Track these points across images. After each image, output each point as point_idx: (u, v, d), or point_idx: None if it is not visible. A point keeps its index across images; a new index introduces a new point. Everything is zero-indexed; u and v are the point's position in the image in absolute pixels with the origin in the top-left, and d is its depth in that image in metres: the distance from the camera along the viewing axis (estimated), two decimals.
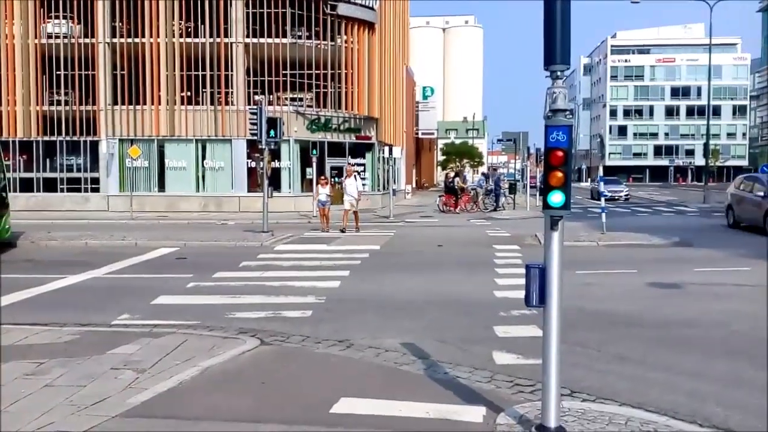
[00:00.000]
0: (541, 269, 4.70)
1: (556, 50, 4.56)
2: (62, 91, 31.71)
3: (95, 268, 13.29)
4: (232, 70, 31.18)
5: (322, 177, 22.24)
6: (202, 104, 31.80)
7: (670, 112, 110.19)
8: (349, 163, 28.72)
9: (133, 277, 12.69)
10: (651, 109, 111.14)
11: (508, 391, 5.89)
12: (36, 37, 31.35)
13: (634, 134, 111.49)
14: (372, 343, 7.57)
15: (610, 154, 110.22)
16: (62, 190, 31.94)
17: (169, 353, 6.95)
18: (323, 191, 20.68)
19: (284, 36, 31.26)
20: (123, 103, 31.47)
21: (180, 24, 31.67)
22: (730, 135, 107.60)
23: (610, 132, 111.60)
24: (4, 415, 5.22)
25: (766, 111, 62.63)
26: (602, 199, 20.95)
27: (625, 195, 42.89)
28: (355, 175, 21.34)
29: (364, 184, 33.91)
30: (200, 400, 5.67)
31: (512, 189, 35.69)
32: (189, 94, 31.83)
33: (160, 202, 30.91)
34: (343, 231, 20.25)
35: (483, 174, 50.45)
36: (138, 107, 31.40)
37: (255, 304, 9.78)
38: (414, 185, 54.73)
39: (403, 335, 7.92)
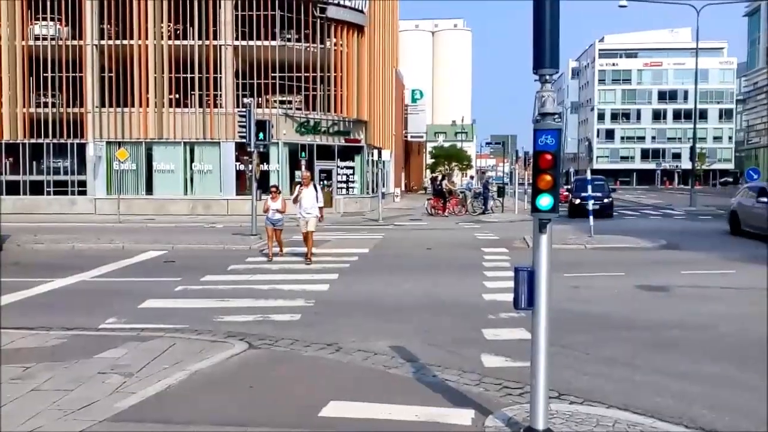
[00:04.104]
0: (529, 272, 4.71)
1: (545, 54, 4.58)
2: (49, 93, 31.54)
3: (82, 272, 13.20)
4: (220, 73, 31.12)
5: (273, 187, 16.45)
6: (191, 107, 31.73)
7: (657, 115, 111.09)
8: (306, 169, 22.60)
9: (121, 281, 12.61)
10: (638, 112, 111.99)
11: (496, 393, 5.91)
12: (23, 39, 31.15)
13: (622, 138, 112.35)
14: (361, 346, 7.57)
15: (597, 157, 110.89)
16: (49, 193, 31.75)
17: (156, 357, 6.91)
18: (274, 206, 15.21)
19: (273, 39, 31.24)
20: (111, 106, 31.33)
21: (168, 26, 31.57)
22: (717, 138, 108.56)
23: (598, 135, 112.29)
24: None
25: (753, 115, 63.20)
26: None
27: None
28: (314, 185, 15.34)
29: (352, 186, 34.03)
30: (188, 404, 5.65)
31: (500, 192, 35.83)
32: (177, 96, 31.73)
33: (147, 205, 30.76)
34: (308, 260, 14.68)
35: (471, 177, 50.55)
36: (126, 110, 31.27)
37: (243, 308, 9.75)
38: (403, 188, 54.77)
39: (392, 338, 7.92)
